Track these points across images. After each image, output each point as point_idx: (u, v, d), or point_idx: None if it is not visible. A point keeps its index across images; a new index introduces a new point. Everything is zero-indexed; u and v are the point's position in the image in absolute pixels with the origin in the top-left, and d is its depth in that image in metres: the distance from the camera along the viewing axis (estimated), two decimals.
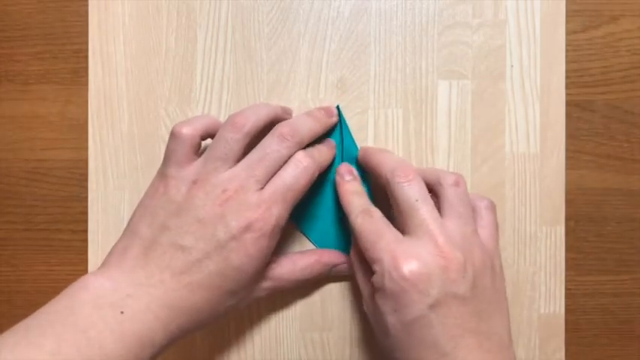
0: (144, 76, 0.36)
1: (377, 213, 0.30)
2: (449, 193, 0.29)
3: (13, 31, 0.36)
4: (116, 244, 0.30)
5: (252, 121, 0.30)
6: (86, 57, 0.36)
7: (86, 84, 0.36)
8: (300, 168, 0.30)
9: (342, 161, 0.34)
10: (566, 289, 0.35)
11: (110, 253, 0.30)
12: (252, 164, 0.29)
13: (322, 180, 0.34)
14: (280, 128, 0.30)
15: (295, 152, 0.30)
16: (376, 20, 0.35)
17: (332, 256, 0.34)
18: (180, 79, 0.36)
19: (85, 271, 0.36)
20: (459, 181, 0.30)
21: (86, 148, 0.36)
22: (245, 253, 0.28)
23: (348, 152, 0.34)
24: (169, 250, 0.28)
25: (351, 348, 0.35)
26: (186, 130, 0.30)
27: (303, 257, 0.33)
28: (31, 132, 0.36)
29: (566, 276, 0.35)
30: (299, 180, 0.30)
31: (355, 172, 0.34)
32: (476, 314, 0.27)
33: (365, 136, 0.35)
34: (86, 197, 0.36)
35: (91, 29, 0.36)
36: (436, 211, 0.29)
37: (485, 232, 0.30)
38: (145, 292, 0.27)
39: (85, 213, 0.36)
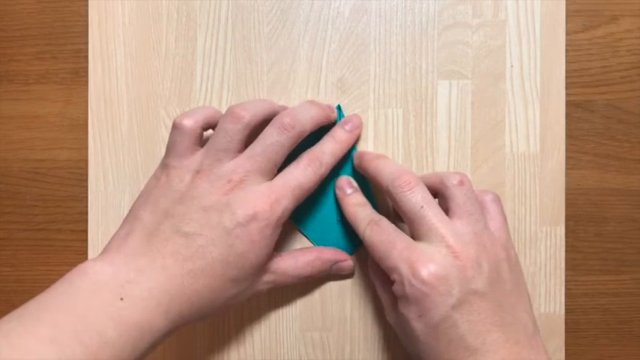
0: (144, 76, 0.36)
1: (384, 222, 0.30)
2: (455, 193, 0.29)
3: (13, 31, 0.36)
4: (117, 231, 0.30)
5: (252, 112, 0.30)
6: (86, 57, 0.36)
7: (86, 84, 0.36)
8: (314, 168, 0.31)
9: (343, 162, 0.34)
10: (566, 289, 0.35)
11: (111, 240, 0.29)
12: (255, 155, 0.30)
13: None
14: (281, 118, 0.30)
15: (296, 141, 0.30)
16: (376, 20, 0.35)
17: (332, 254, 0.34)
18: (180, 79, 0.36)
19: None
20: (463, 180, 0.29)
21: (86, 148, 0.36)
22: (250, 239, 0.28)
23: (348, 154, 0.34)
24: (172, 236, 0.28)
25: (351, 348, 0.35)
26: (188, 122, 0.30)
27: (305, 253, 0.33)
28: (31, 132, 0.36)
29: (566, 276, 0.35)
30: (310, 180, 0.30)
31: (355, 183, 0.34)
32: (498, 307, 0.27)
33: (365, 136, 0.35)
34: (86, 197, 0.36)
35: (91, 29, 0.36)
36: (443, 213, 0.29)
37: (494, 224, 0.30)
38: (147, 277, 0.27)
39: (85, 213, 0.36)
